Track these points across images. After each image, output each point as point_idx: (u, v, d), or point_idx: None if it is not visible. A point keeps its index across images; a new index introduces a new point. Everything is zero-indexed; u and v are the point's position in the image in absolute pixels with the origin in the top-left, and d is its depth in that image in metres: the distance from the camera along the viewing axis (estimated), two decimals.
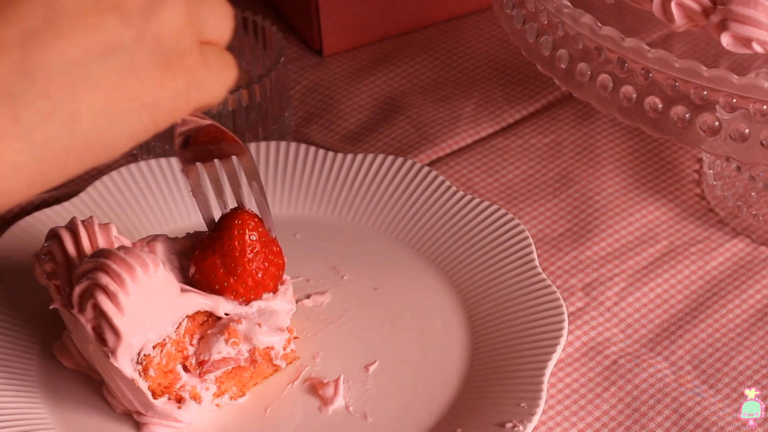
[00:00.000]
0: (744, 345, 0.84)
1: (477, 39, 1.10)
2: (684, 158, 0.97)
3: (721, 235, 0.91)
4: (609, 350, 0.83)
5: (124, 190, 0.91)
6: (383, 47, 1.09)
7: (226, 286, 0.76)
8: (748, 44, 0.80)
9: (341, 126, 1.01)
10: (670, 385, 0.81)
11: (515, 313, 0.82)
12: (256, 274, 0.76)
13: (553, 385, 0.81)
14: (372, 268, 0.87)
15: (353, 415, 0.78)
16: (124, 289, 0.72)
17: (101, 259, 0.73)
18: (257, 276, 0.76)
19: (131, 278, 0.72)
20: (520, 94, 1.04)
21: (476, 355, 0.81)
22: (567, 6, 0.81)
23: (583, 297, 0.87)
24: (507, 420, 0.75)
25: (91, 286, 0.73)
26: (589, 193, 0.95)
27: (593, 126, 1.00)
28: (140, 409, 0.76)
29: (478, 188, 0.95)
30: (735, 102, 0.76)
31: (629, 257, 0.90)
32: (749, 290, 0.87)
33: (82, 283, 0.73)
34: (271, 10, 1.13)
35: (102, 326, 0.72)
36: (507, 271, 0.85)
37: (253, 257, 0.76)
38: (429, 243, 0.88)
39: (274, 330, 0.77)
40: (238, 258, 0.75)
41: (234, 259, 0.75)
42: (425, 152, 0.98)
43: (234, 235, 0.75)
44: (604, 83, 0.80)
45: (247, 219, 0.76)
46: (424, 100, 1.03)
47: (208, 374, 0.77)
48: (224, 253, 0.75)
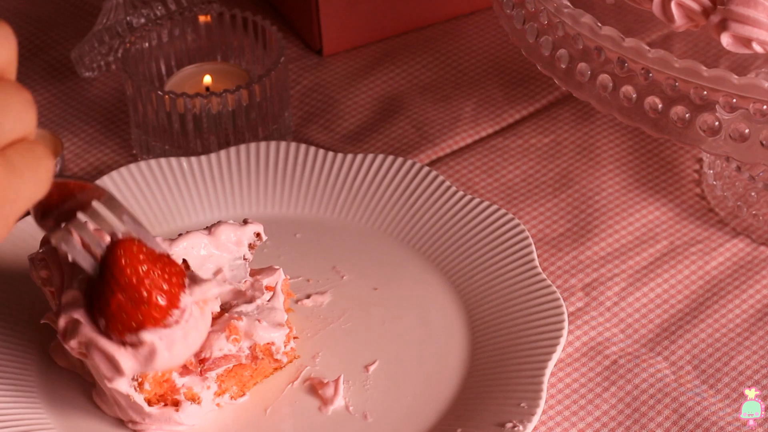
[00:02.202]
0: (744, 345, 0.84)
1: (477, 39, 1.10)
2: (684, 158, 0.97)
3: (721, 235, 0.91)
4: (609, 350, 0.83)
5: (123, 190, 0.91)
6: (383, 47, 1.09)
7: (143, 319, 0.71)
8: (748, 44, 0.80)
9: (341, 126, 1.01)
10: (670, 385, 0.81)
11: (515, 313, 0.82)
12: (162, 291, 0.72)
13: (553, 385, 0.81)
14: (372, 268, 0.87)
15: (353, 415, 0.78)
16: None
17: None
18: (164, 290, 0.72)
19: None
20: (520, 94, 1.04)
21: (476, 355, 0.81)
22: (567, 6, 0.81)
23: (583, 297, 0.87)
24: (507, 420, 0.75)
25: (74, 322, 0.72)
26: (589, 193, 0.95)
27: (593, 126, 1.00)
28: (135, 418, 0.76)
29: (478, 188, 0.95)
30: (735, 102, 0.76)
31: (629, 257, 0.90)
32: (749, 290, 0.87)
33: (65, 314, 0.73)
34: (271, 10, 1.13)
35: (96, 358, 0.72)
36: (507, 271, 0.85)
37: (148, 276, 0.71)
38: (429, 243, 0.88)
39: (273, 325, 0.77)
40: (137, 285, 0.71)
41: (135, 289, 0.71)
42: (425, 152, 0.98)
43: (122, 267, 0.71)
44: (604, 83, 0.80)
45: (126, 245, 0.71)
46: (424, 100, 1.03)
47: (209, 372, 0.77)
48: (123, 288, 0.71)
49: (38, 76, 1.07)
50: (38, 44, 1.10)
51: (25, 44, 1.10)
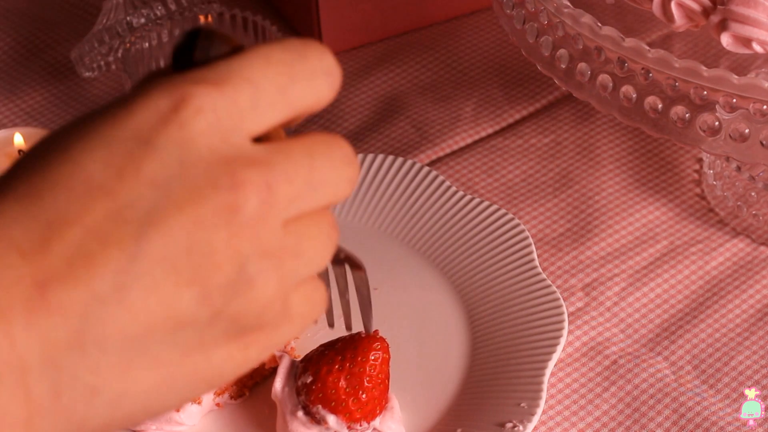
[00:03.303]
0: (744, 345, 0.84)
1: (477, 39, 1.10)
2: (684, 158, 0.97)
3: (721, 235, 0.91)
4: (609, 350, 0.83)
5: None
6: (383, 47, 1.09)
7: (343, 406, 0.74)
8: (748, 44, 0.80)
9: (341, 126, 1.01)
10: (670, 385, 0.81)
11: (515, 313, 0.82)
12: (373, 402, 0.74)
13: (553, 385, 0.81)
14: (372, 268, 0.87)
15: None
16: None
17: None
18: (373, 403, 0.74)
19: None
20: (520, 94, 1.04)
21: (476, 355, 0.81)
22: (567, 6, 0.81)
23: (583, 297, 0.87)
24: (507, 420, 0.75)
25: None
26: (589, 193, 0.95)
27: (593, 126, 1.00)
28: None
29: (478, 188, 0.95)
30: (735, 102, 0.76)
31: (629, 257, 0.90)
32: (749, 290, 0.87)
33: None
34: (271, 10, 1.13)
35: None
36: (507, 271, 0.85)
37: (375, 386, 0.74)
38: (429, 243, 0.88)
39: None
40: (363, 382, 0.74)
41: (360, 382, 0.74)
42: (425, 152, 0.98)
43: (368, 359, 0.74)
44: (604, 83, 0.80)
45: (384, 347, 0.75)
46: (424, 100, 1.03)
47: None
48: (352, 372, 0.74)
49: (38, 76, 1.07)
50: (38, 44, 1.10)
51: (25, 44, 1.10)
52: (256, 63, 0.46)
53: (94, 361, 0.43)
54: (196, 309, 0.44)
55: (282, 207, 0.45)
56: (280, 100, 0.46)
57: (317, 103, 0.48)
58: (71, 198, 0.43)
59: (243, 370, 0.47)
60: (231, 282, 0.44)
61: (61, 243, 0.43)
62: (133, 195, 0.43)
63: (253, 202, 0.44)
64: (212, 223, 0.43)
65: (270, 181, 0.44)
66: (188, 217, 0.43)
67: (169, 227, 0.43)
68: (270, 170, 0.45)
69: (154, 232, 0.43)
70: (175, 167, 0.43)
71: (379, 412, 0.75)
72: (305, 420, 0.74)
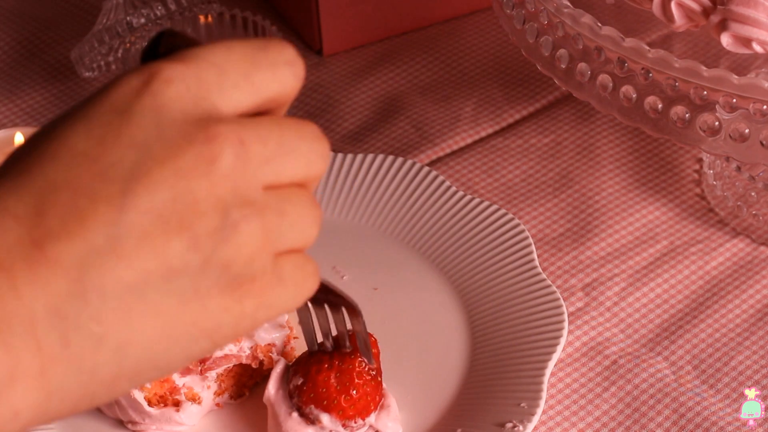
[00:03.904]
0: (744, 345, 0.84)
1: (477, 39, 1.10)
2: (684, 158, 0.97)
3: (721, 235, 0.91)
4: (609, 350, 0.83)
5: None
6: (383, 47, 1.09)
7: (335, 404, 0.74)
8: (748, 44, 0.80)
9: (341, 126, 1.01)
10: (670, 385, 0.81)
11: (515, 313, 0.82)
12: (366, 398, 0.74)
13: (553, 385, 0.81)
14: (372, 268, 0.87)
15: None
16: None
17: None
18: (366, 399, 0.75)
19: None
20: (520, 94, 1.04)
21: (476, 355, 0.81)
22: (567, 6, 0.81)
23: (583, 297, 0.87)
24: (507, 420, 0.75)
25: None
26: (589, 193, 0.95)
27: (593, 126, 1.00)
28: (135, 418, 0.76)
29: (478, 188, 0.95)
30: (735, 102, 0.76)
31: (629, 257, 0.90)
32: (749, 290, 0.87)
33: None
34: (271, 10, 1.13)
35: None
36: (507, 271, 0.85)
37: (366, 382, 0.74)
38: (429, 243, 0.88)
39: (274, 326, 0.78)
40: (353, 379, 0.74)
41: (350, 378, 0.74)
42: (425, 152, 0.98)
43: (357, 355, 0.74)
44: (604, 83, 0.80)
45: (372, 342, 0.75)
46: (424, 100, 1.03)
47: (209, 371, 0.77)
48: (341, 369, 0.74)
49: (38, 76, 1.07)
50: (38, 44, 1.10)
51: (25, 44, 1.10)
52: (219, 51, 0.49)
53: (95, 309, 0.46)
54: (186, 255, 0.47)
55: (257, 164, 0.48)
56: (244, 83, 0.49)
57: (283, 90, 0.51)
58: (58, 167, 0.46)
59: (242, 326, 0.49)
60: (217, 228, 0.47)
61: (52, 206, 0.45)
62: (115, 157, 0.46)
63: (228, 153, 0.47)
64: (192, 173, 0.46)
65: (242, 137, 0.47)
66: (169, 170, 0.46)
67: (153, 180, 0.46)
68: (242, 128, 0.47)
69: (138, 186, 0.46)
70: (152, 129, 0.46)
71: (374, 408, 0.75)
72: (300, 421, 0.74)
